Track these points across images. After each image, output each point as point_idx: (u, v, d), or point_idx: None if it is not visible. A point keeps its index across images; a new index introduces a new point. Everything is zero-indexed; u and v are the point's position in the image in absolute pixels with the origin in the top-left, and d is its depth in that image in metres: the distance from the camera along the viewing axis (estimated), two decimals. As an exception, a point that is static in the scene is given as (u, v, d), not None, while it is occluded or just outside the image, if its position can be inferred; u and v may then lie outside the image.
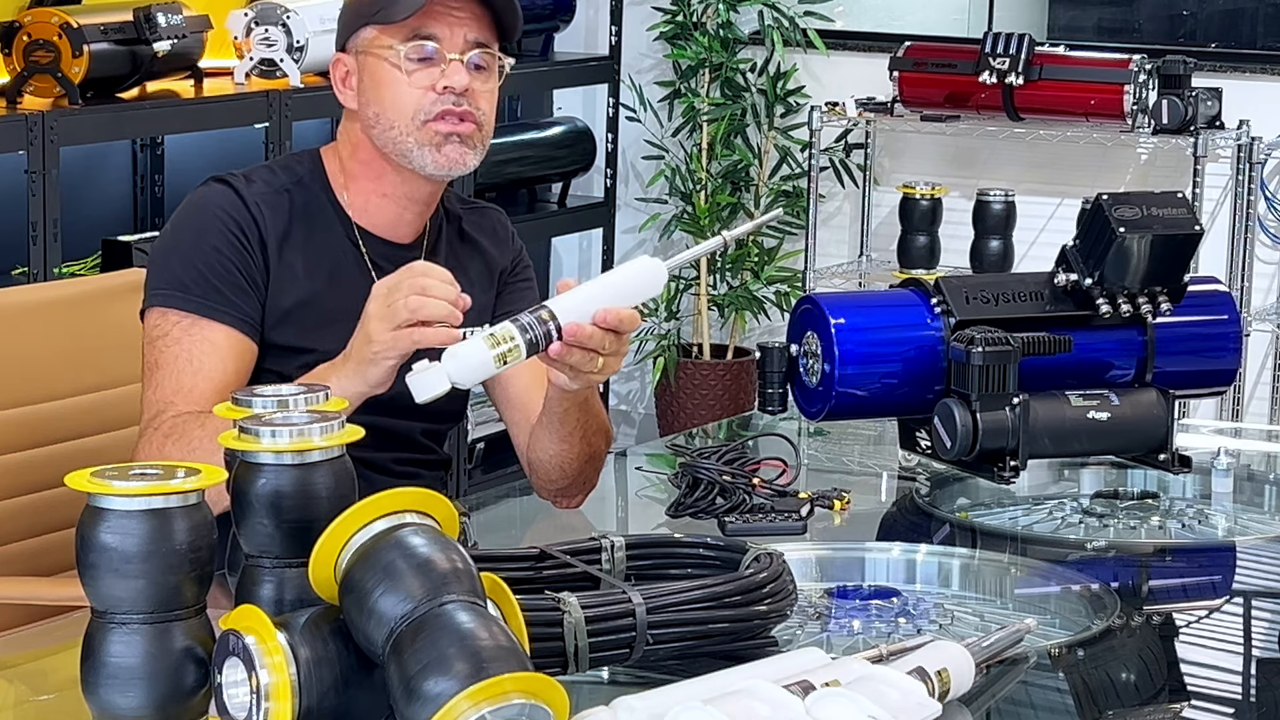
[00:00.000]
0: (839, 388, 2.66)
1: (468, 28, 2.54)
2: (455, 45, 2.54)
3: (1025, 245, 5.50)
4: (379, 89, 2.54)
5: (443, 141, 2.53)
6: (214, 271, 2.52)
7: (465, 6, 2.54)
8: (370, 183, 2.60)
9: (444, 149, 2.54)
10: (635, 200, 6.22)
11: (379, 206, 2.61)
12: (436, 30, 2.53)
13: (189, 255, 2.53)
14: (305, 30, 4.79)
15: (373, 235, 2.61)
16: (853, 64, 5.88)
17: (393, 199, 2.60)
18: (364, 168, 2.59)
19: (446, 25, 2.54)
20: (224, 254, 2.52)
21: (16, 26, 4.34)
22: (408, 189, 2.59)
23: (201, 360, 2.48)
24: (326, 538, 1.67)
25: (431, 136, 2.53)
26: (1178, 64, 5.19)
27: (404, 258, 2.60)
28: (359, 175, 2.60)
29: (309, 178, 2.61)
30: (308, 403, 1.84)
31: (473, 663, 1.56)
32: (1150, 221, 2.67)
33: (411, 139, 2.53)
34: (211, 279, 2.51)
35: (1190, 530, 2.63)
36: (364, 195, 2.61)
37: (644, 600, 1.94)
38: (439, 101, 2.52)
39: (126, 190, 5.05)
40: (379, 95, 2.54)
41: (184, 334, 2.49)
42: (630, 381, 6.38)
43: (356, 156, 2.60)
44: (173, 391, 2.46)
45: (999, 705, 1.97)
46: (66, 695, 1.84)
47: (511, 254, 2.73)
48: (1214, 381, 2.89)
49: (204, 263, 2.52)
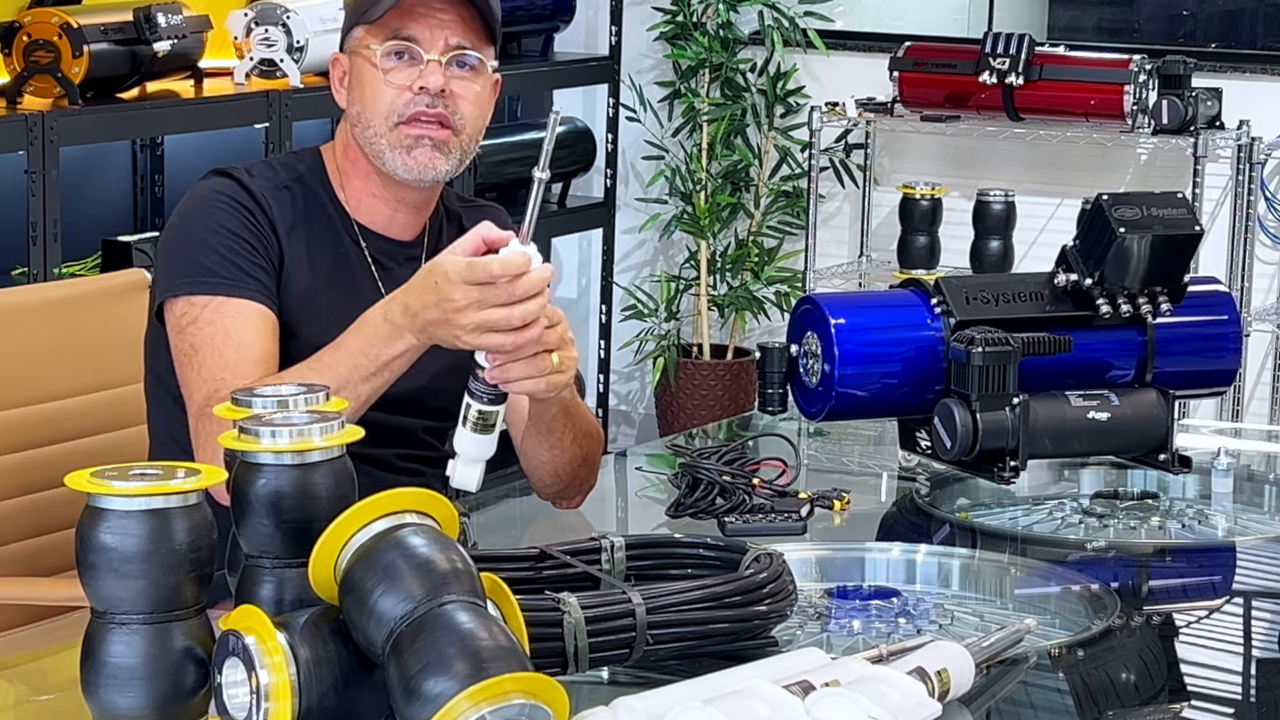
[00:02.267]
0: (839, 388, 2.66)
1: (450, 30, 2.53)
2: (435, 47, 2.52)
3: (1025, 245, 5.50)
4: (361, 88, 2.54)
5: (413, 145, 2.52)
6: (233, 252, 2.49)
7: (450, 9, 2.53)
8: (360, 181, 2.60)
9: (414, 152, 2.52)
10: (635, 200, 6.22)
11: (371, 206, 2.61)
12: (416, 31, 2.52)
13: (204, 241, 2.50)
14: (305, 30, 4.79)
15: (372, 232, 2.61)
16: (853, 64, 5.87)
17: (382, 200, 2.60)
18: (353, 166, 2.59)
19: (427, 27, 2.52)
20: (240, 236, 2.51)
21: (16, 26, 4.34)
22: (393, 191, 2.59)
23: (240, 335, 2.45)
24: (326, 538, 1.67)
25: (402, 139, 2.52)
26: (1178, 64, 5.19)
27: (404, 255, 2.61)
28: (351, 174, 2.60)
29: (309, 175, 2.61)
30: (307, 403, 1.84)
31: (473, 663, 1.56)
32: (1150, 222, 2.67)
33: (384, 140, 2.53)
34: (232, 259, 2.49)
35: (1190, 530, 2.63)
36: (358, 194, 2.61)
37: (644, 600, 1.94)
38: (413, 103, 2.51)
39: (126, 190, 5.05)
40: (361, 95, 2.54)
41: (215, 314, 2.46)
42: (630, 381, 6.38)
43: (348, 155, 2.60)
44: (219, 368, 2.42)
45: (999, 705, 1.97)
46: (66, 695, 1.84)
47: None
48: (1214, 382, 2.89)
49: (222, 246, 2.49)
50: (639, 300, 6.12)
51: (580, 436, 2.54)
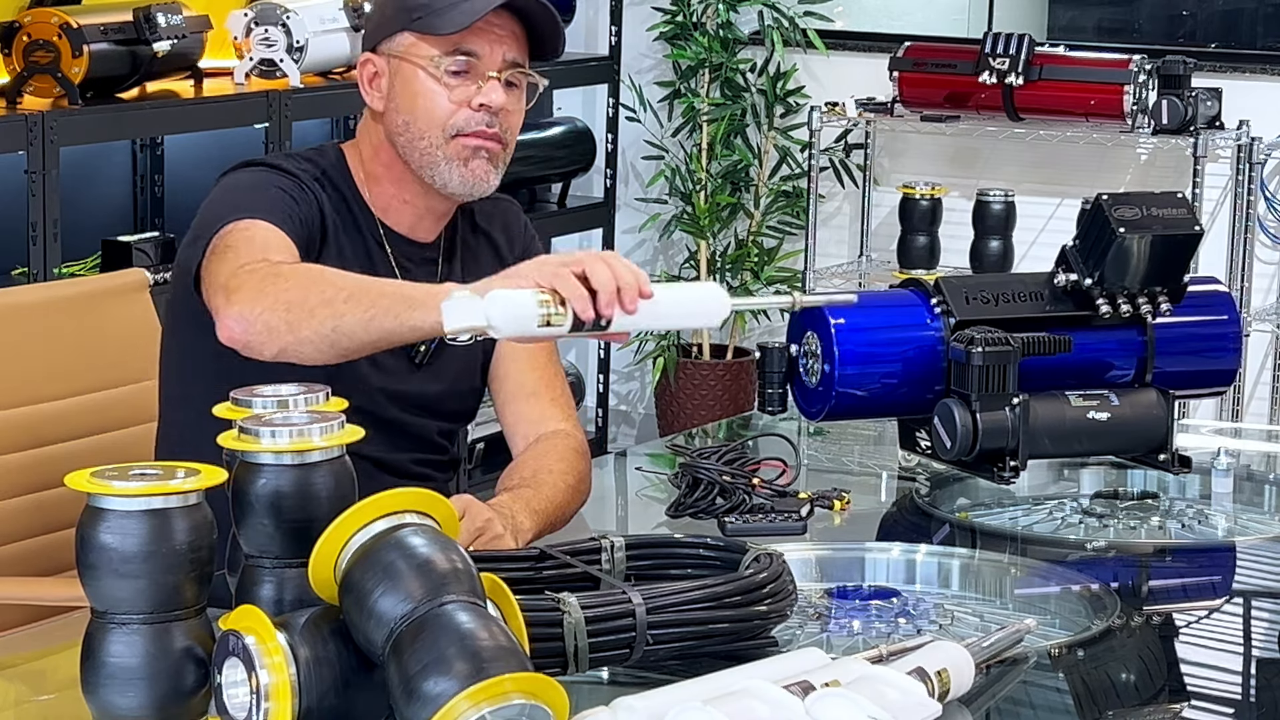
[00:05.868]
0: (839, 388, 2.66)
1: (506, 46, 2.51)
2: (494, 63, 2.50)
3: (1025, 245, 5.50)
4: (412, 98, 2.51)
5: (470, 156, 2.50)
6: (277, 201, 2.44)
7: (505, 24, 2.51)
8: (391, 186, 2.57)
9: (470, 163, 2.50)
10: (635, 200, 6.22)
11: (400, 210, 2.58)
12: (477, 46, 2.49)
13: (249, 195, 2.44)
14: (305, 30, 4.79)
15: (396, 234, 2.58)
16: (853, 64, 5.87)
17: (413, 205, 2.57)
18: (386, 170, 2.56)
19: (487, 42, 2.50)
20: (289, 194, 2.46)
21: (16, 26, 4.33)
22: (428, 200, 2.57)
23: (268, 242, 2.37)
24: (326, 538, 1.67)
25: (460, 150, 2.50)
26: (1178, 64, 5.19)
27: (423, 257, 2.59)
28: (381, 178, 2.57)
29: (333, 171, 2.57)
30: (307, 403, 1.84)
31: (473, 663, 1.56)
32: (1150, 222, 2.67)
33: (440, 152, 2.50)
34: (277, 205, 2.43)
35: (1190, 530, 2.63)
36: (386, 198, 2.57)
37: (644, 600, 1.94)
38: (473, 119, 2.49)
39: (126, 190, 5.05)
40: (411, 104, 2.51)
41: (249, 227, 2.38)
42: (630, 381, 6.38)
43: (378, 159, 2.56)
44: (248, 256, 2.33)
45: (999, 705, 1.97)
46: (66, 695, 1.84)
47: (523, 243, 2.71)
48: (1214, 382, 2.89)
49: (268, 198, 2.43)
50: (639, 300, 6.11)
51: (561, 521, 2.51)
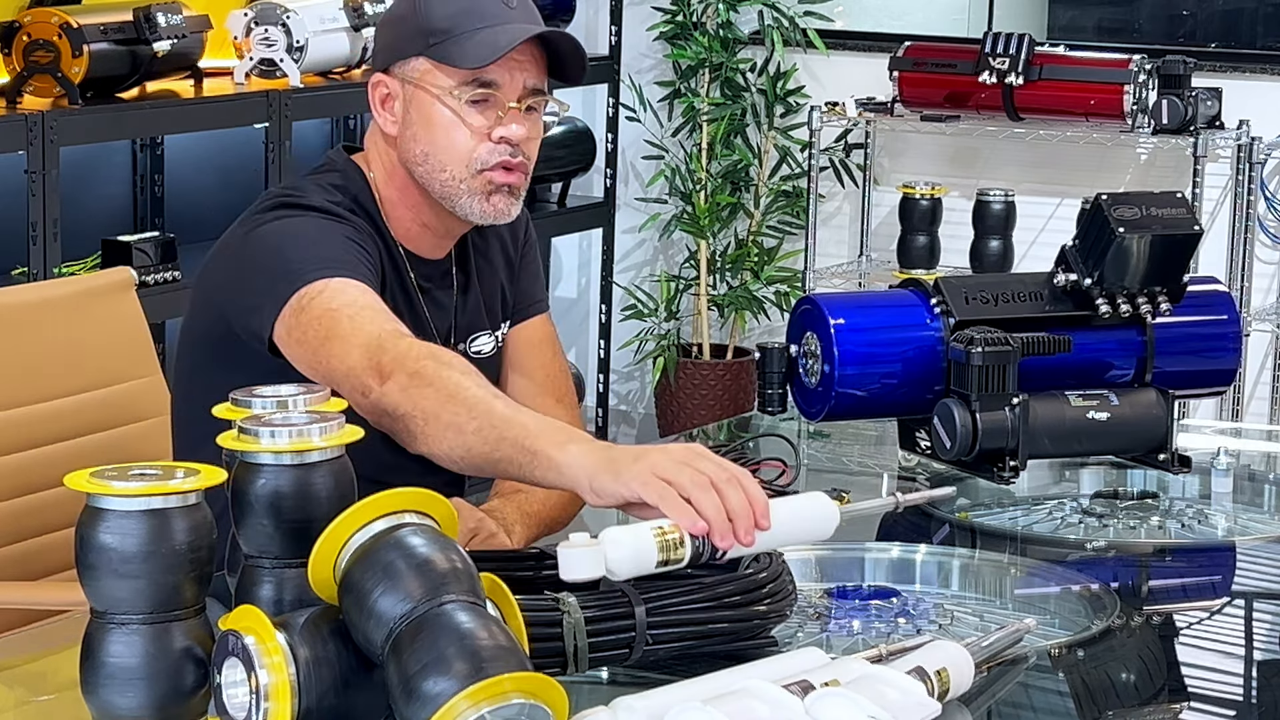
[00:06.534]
0: (839, 388, 2.66)
1: (526, 73, 2.46)
2: (514, 91, 2.45)
3: (1025, 245, 5.50)
4: (430, 128, 2.46)
5: (493, 191, 2.46)
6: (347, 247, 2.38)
7: (525, 48, 2.46)
8: (408, 211, 2.52)
9: (492, 198, 2.46)
10: (635, 200, 6.22)
11: (419, 234, 2.53)
12: (497, 76, 2.44)
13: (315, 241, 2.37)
14: (305, 30, 4.79)
15: (416, 256, 2.54)
16: (853, 64, 5.87)
17: (431, 229, 2.53)
18: (401, 195, 2.51)
19: (507, 70, 2.44)
20: (353, 241, 2.41)
21: (16, 26, 4.34)
22: (447, 224, 2.53)
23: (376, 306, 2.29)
24: (326, 538, 1.67)
25: (484, 185, 2.45)
26: (1178, 64, 5.19)
27: (441, 270, 2.57)
28: (397, 203, 2.52)
29: (363, 198, 2.51)
30: (307, 403, 1.84)
31: (472, 663, 1.56)
32: (1150, 221, 2.67)
33: (463, 186, 2.46)
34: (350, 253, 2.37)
35: (1190, 530, 2.63)
36: (404, 222, 2.53)
37: (644, 600, 1.94)
38: (495, 152, 2.45)
39: (126, 190, 5.05)
40: (430, 135, 2.46)
41: (344, 288, 2.29)
42: (630, 381, 6.38)
43: (392, 183, 2.52)
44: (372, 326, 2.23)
45: (999, 705, 1.97)
46: (66, 696, 1.84)
47: (524, 241, 2.68)
48: (1214, 381, 2.89)
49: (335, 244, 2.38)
50: (639, 300, 6.12)
51: (557, 524, 2.50)
